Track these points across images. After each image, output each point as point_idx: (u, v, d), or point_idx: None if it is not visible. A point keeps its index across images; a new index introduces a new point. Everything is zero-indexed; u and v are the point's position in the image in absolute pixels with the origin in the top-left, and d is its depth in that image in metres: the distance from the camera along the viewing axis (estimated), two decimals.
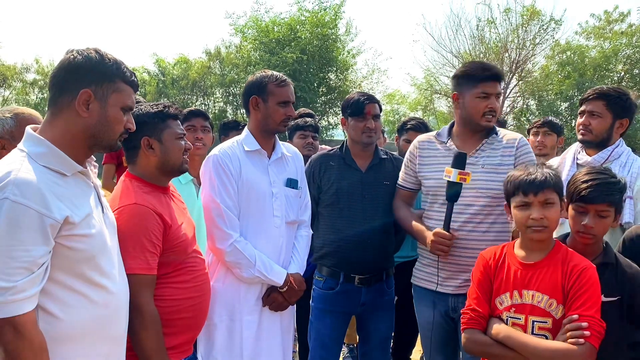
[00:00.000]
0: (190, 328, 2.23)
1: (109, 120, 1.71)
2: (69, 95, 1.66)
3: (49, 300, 1.59)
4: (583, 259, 2.02)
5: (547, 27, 21.51)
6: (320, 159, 3.10)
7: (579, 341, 1.84)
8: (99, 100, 1.68)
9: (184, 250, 2.18)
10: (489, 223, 2.59)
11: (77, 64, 1.66)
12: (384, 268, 3.01)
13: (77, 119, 1.66)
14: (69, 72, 1.67)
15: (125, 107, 1.75)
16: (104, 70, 1.68)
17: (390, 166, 3.06)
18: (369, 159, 3.03)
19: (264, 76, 2.66)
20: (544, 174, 2.03)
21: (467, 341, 2.08)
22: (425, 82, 24.68)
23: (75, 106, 1.65)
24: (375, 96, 3.08)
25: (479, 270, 2.16)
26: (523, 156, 2.60)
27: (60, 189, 1.59)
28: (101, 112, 1.69)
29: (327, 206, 3.01)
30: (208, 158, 2.61)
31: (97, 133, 1.70)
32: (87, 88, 1.65)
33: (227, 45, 24.28)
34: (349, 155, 3.04)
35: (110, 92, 1.70)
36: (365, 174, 2.99)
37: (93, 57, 1.67)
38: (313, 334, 3.05)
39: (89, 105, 1.66)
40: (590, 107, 2.80)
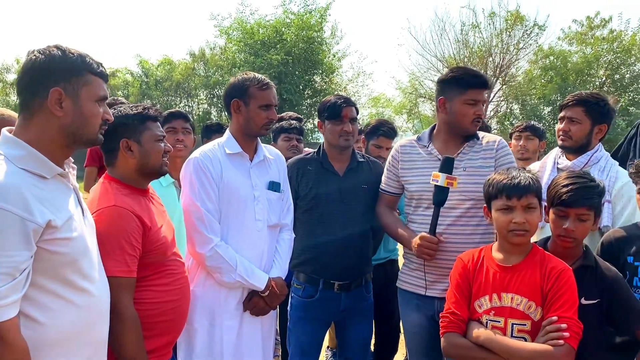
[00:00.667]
0: (170, 331, 2.21)
1: (85, 115, 1.67)
2: (39, 97, 1.62)
3: (31, 305, 1.56)
4: (559, 261, 2.04)
5: (530, 32, 21.78)
6: (298, 164, 3.05)
7: (559, 342, 1.86)
8: (71, 97, 1.64)
9: (163, 253, 2.16)
10: (473, 225, 2.60)
11: (41, 64, 1.61)
12: (364, 273, 2.99)
13: (52, 119, 1.63)
14: (34, 73, 1.62)
15: (99, 99, 1.72)
16: (70, 66, 1.64)
17: (367, 169, 3.04)
18: (347, 162, 3.01)
19: (245, 79, 2.61)
20: (527, 178, 2.04)
21: (447, 345, 2.09)
22: (410, 85, 24.84)
23: (48, 107, 1.61)
24: (351, 99, 3.05)
25: (457, 273, 2.17)
26: (502, 158, 2.61)
27: (41, 192, 1.56)
28: (75, 109, 1.65)
29: (305, 212, 2.96)
30: (189, 161, 2.56)
31: (75, 130, 1.67)
32: (57, 86, 1.61)
33: (211, 47, 24.22)
34: (326, 159, 3.00)
35: (81, 86, 1.65)
36: (343, 178, 2.96)
37: (56, 54, 1.63)
38: (292, 341, 3.00)
39: (62, 104, 1.62)
40: (570, 113, 2.83)
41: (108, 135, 2.06)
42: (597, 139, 2.84)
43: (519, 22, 21.48)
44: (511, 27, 21.67)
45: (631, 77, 21.07)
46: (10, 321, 1.47)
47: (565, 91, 19.84)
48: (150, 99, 22.39)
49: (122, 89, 23.76)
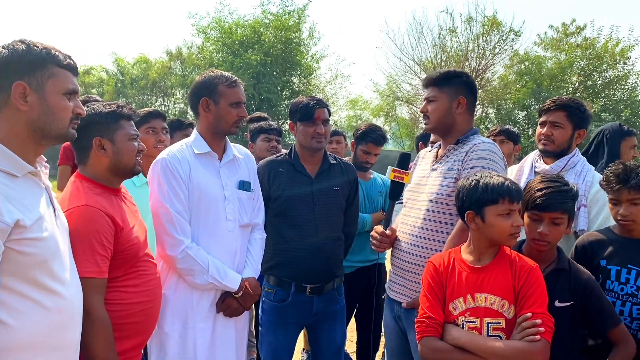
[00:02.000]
0: (140, 333, 2.17)
1: (51, 109, 1.63)
2: (3, 92, 1.58)
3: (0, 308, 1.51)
4: (527, 259, 2.07)
5: (506, 38, 22.13)
6: (269, 165, 3.00)
7: (535, 338, 1.89)
8: (36, 91, 1.60)
9: (135, 254, 2.11)
10: (432, 230, 2.51)
11: (5, 58, 1.58)
12: (335, 276, 2.95)
13: (18, 114, 1.59)
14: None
15: (68, 92, 1.67)
16: (33, 58, 1.59)
17: (339, 172, 3.02)
18: (318, 164, 2.97)
19: (213, 77, 2.56)
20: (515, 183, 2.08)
21: (426, 349, 2.07)
22: (388, 88, 25.00)
23: (13, 101, 1.57)
24: (323, 100, 3.01)
25: (429, 276, 2.16)
26: (467, 162, 2.43)
27: (10, 191, 1.52)
28: (41, 102, 1.61)
29: (277, 215, 2.90)
30: (156, 162, 2.49)
31: (42, 125, 1.62)
32: (20, 80, 1.57)
33: (188, 46, 24.02)
34: (298, 161, 2.96)
35: (46, 80, 1.61)
36: (315, 181, 2.93)
37: (19, 48, 1.59)
38: (265, 346, 2.94)
39: (27, 98, 1.58)
40: (552, 117, 2.84)
41: (80, 132, 2.01)
42: (575, 144, 2.88)
43: (495, 27, 21.82)
44: (487, 32, 22.00)
45: (603, 83, 21.57)
46: None
47: (539, 96, 20.22)
48: (125, 98, 22.08)
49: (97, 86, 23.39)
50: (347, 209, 3.05)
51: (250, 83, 19.90)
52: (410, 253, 2.56)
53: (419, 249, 2.52)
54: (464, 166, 2.43)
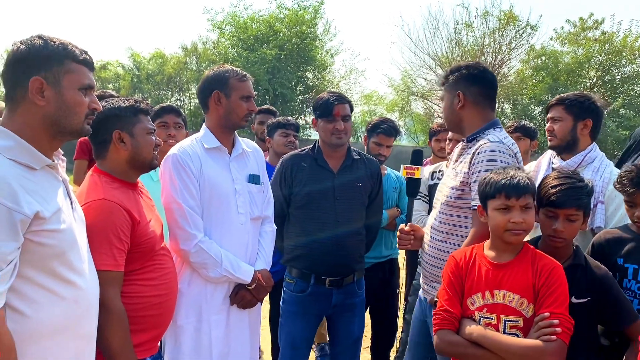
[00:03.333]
0: (156, 326, 2.20)
1: (67, 104, 1.64)
2: (21, 87, 1.60)
3: (17, 297, 1.54)
4: (550, 259, 2.05)
5: (523, 32, 21.87)
6: (292, 159, 3.05)
7: (551, 338, 1.87)
8: (53, 86, 1.61)
9: (151, 248, 2.15)
10: (445, 232, 2.49)
11: (22, 54, 1.60)
12: (355, 270, 2.99)
13: (35, 109, 1.61)
14: (16, 64, 1.61)
15: (83, 87, 1.68)
16: (50, 54, 1.61)
17: (362, 167, 3.03)
18: (341, 159, 3.00)
19: (224, 71, 2.59)
20: (524, 178, 2.04)
21: (440, 342, 2.09)
22: (403, 83, 24.86)
23: (30, 96, 1.59)
24: (345, 96, 3.03)
25: (449, 271, 2.17)
26: (476, 165, 2.34)
27: (29, 183, 1.54)
28: (58, 97, 1.63)
29: (298, 208, 2.97)
30: (167, 157, 2.52)
31: (58, 120, 1.64)
32: (37, 75, 1.59)
33: (204, 41, 24.09)
34: (320, 156, 3.00)
35: (62, 75, 1.63)
36: (337, 175, 2.96)
37: (37, 44, 1.61)
38: (283, 336, 3.02)
39: (44, 93, 1.60)
40: (553, 112, 2.91)
41: (100, 126, 2.06)
42: (584, 135, 2.85)
43: (511, 21, 21.57)
44: (504, 26, 21.75)
45: (622, 79, 21.22)
46: (1, 312, 1.45)
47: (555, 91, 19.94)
48: (141, 93, 22.23)
49: (114, 82, 23.56)
50: (370, 204, 3.06)
51: (264, 78, 19.92)
52: (429, 253, 2.57)
53: (435, 250, 2.53)
54: (472, 169, 2.35)
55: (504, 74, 22.60)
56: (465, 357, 2.07)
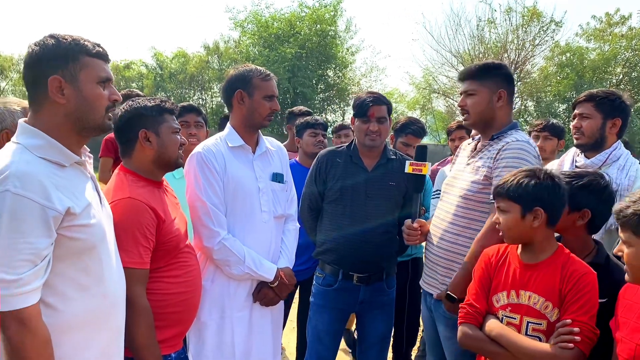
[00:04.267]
0: (180, 322, 2.23)
1: (88, 99, 1.66)
2: (41, 88, 1.62)
3: (49, 292, 1.57)
4: (583, 265, 1.98)
5: (547, 29, 21.56)
6: (327, 155, 3.08)
7: (568, 345, 1.82)
8: (71, 83, 1.63)
9: (176, 245, 2.17)
10: (460, 226, 2.49)
11: (37, 55, 1.61)
12: (384, 268, 2.98)
13: (58, 107, 1.63)
14: (32, 66, 1.63)
15: (101, 80, 1.69)
16: (64, 52, 1.62)
17: (397, 167, 3.00)
18: (376, 158, 3.00)
19: (248, 70, 2.60)
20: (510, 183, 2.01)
21: (462, 335, 2.09)
22: (424, 81, 24.72)
23: (50, 96, 1.62)
24: (384, 97, 3.00)
25: (480, 266, 2.16)
26: (499, 160, 2.38)
27: (60, 180, 1.57)
28: (77, 94, 1.64)
29: (330, 202, 2.99)
30: (192, 156, 2.54)
31: (81, 115, 1.66)
32: (55, 74, 1.61)
33: (225, 40, 24.28)
34: (356, 153, 3.00)
35: (79, 71, 1.63)
36: (371, 174, 2.96)
37: (49, 43, 1.62)
38: (310, 329, 3.04)
39: (63, 91, 1.62)
40: (581, 109, 2.82)
41: (126, 125, 2.09)
42: (612, 134, 2.79)
43: (535, 18, 21.27)
44: (527, 23, 21.47)
45: None
46: (32, 307, 1.48)
47: (581, 88, 19.63)
48: (164, 91, 22.49)
49: (137, 80, 23.90)
50: (406, 204, 3.02)
51: (285, 77, 19.97)
52: (440, 247, 2.56)
53: (448, 243, 2.52)
54: (496, 165, 2.38)
55: (527, 71, 22.33)
56: (484, 352, 2.07)
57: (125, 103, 2.25)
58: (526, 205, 1.97)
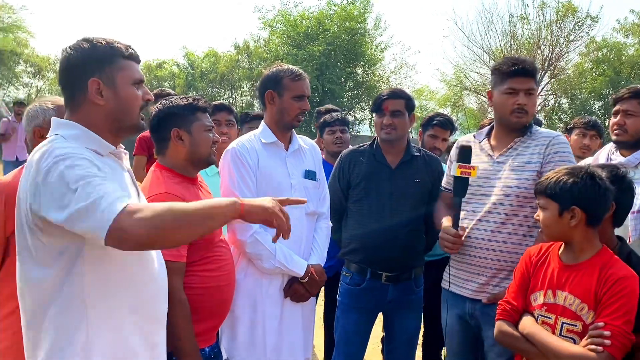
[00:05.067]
0: (214, 316, 2.27)
1: (125, 100, 1.71)
2: (79, 90, 1.67)
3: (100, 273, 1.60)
4: (625, 268, 1.93)
5: (582, 24, 21.03)
6: (350, 154, 3.08)
7: (597, 349, 1.79)
8: (109, 85, 1.68)
9: (211, 240, 2.22)
10: (514, 225, 2.46)
11: (74, 59, 1.67)
12: (412, 266, 2.96)
13: (96, 109, 1.68)
14: (70, 70, 1.69)
15: (135, 81, 1.75)
16: (100, 55, 1.68)
17: (422, 163, 2.99)
18: (400, 155, 2.98)
19: (279, 70, 2.65)
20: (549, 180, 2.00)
21: (498, 331, 2.11)
22: (455, 78, 24.42)
23: (90, 98, 1.67)
24: (401, 92, 2.99)
25: (522, 265, 2.15)
26: (553, 155, 2.42)
27: (103, 166, 1.61)
28: (115, 95, 1.69)
29: (355, 202, 2.98)
30: (226, 152, 2.61)
31: (119, 116, 1.71)
32: (93, 77, 1.66)
33: (255, 39, 24.40)
34: (379, 151, 3.00)
35: (116, 73, 1.69)
36: (395, 171, 2.95)
37: (85, 47, 1.67)
38: (338, 329, 3.04)
39: (102, 93, 1.67)
40: (625, 106, 2.73)
41: (159, 124, 2.15)
42: None
43: (570, 13, 20.77)
44: (562, 18, 20.98)
45: None
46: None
47: (618, 85, 19.08)
48: (195, 91, 22.75)
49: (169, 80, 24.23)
50: (431, 201, 2.99)
51: (313, 75, 20.00)
52: (489, 249, 2.49)
53: (499, 244, 2.47)
54: (548, 159, 2.41)
55: (561, 67, 21.83)
56: (517, 349, 2.07)
57: (159, 102, 2.30)
58: (563, 204, 1.95)
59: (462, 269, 2.62)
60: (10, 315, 2.14)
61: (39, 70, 24.64)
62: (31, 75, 24.90)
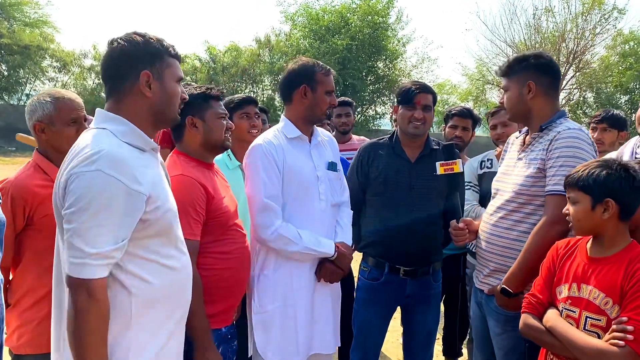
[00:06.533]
0: (229, 297, 2.33)
1: (169, 94, 1.81)
2: (128, 81, 1.74)
3: (141, 267, 1.69)
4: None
5: (609, 16, 20.62)
6: (369, 147, 3.07)
7: (619, 343, 1.75)
8: (157, 79, 1.77)
9: (225, 222, 2.29)
10: (514, 220, 2.44)
11: (127, 50, 1.74)
12: (431, 261, 2.95)
13: (143, 100, 1.76)
14: (122, 60, 1.75)
15: (179, 79, 1.85)
16: (153, 50, 1.77)
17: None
18: (419, 149, 2.97)
19: (311, 65, 2.67)
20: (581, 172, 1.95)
21: (522, 324, 2.09)
22: (477, 72, 24.19)
23: (140, 89, 1.75)
24: (430, 87, 2.99)
25: (549, 258, 2.13)
26: (552, 150, 2.31)
27: (142, 164, 1.70)
28: (162, 89, 1.78)
29: (374, 195, 2.97)
30: (252, 148, 2.61)
31: (162, 109, 1.80)
32: (145, 69, 1.74)
33: (276, 34, 24.45)
34: (398, 144, 2.99)
35: (164, 69, 1.79)
36: (414, 165, 2.94)
37: (139, 41, 1.76)
38: (357, 323, 3.04)
39: (151, 85, 1.76)
40: None
41: None
42: None
43: (597, 5, 20.39)
44: (588, 10, 20.61)
45: None
46: (102, 280, 1.58)
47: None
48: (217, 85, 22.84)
49: (191, 74, 24.42)
50: (450, 195, 2.98)
51: (335, 69, 19.94)
52: (492, 243, 2.50)
53: (500, 239, 2.46)
54: (549, 155, 2.31)
55: (586, 61, 21.46)
56: (541, 342, 2.06)
57: None
58: (596, 196, 1.90)
59: (477, 259, 2.67)
60: (30, 309, 2.22)
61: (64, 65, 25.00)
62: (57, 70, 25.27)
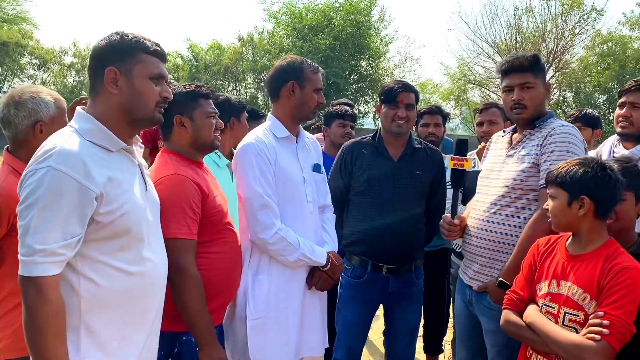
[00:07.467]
0: (221, 296, 2.31)
1: (138, 92, 1.75)
2: (100, 78, 1.73)
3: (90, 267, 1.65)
4: (632, 259, 1.92)
5: (587, 17, 20.94)
6: (352, 147, 3.08)
7: (595, 337, 1.80)
8: (125, 76, 1.73)
9: (219, 220, 2.26)
10: (505, 215, 2.47)
11: (101, 48, 1.75)
12: (413, 259, 2.97)
13: (111, 97, 1.74)
14: (95, 57, 1.76)
15: (154, 76, 1.79)
16: (124, 47, 1.74)
17: (423, 156, 3.01)
18: (402, 148, 2.99)
19: (299, 62, 2.62)
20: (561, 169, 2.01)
21: (503, 320, 2.14)
22: (459, 71, 24.36)
23: (105, 86, 1.73)
24: (413, 86, 3.01)
25: (530, 256, 2.17)
26: (547, 146, 2.38)
27: (102, 162, 1.66)
28: (129, 86, 1.74)
29: (357, 194, 2.98)
30: (245, 147, 2.52)
31: (131, 107, 1.76)
32: (111, 66, 1.71)
33: (259, 32, 24.40)
34: (381, 143, 3.00)
35: (134, 65, 1.74)
36: (397, 164, 2.96)
37: (114, 39, 1.75)
38: (340, 320, 3.05)
39: (117, 83, 1.73)
40: (632, 98, 2.73)
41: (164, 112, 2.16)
42: None
43: (576, 6, 20.68)
44: (567, 11, 20.90)
45: None
46: (52, 278, 1.55)
47: (623, 79, 19.02)
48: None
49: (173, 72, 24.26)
50: (432, 194, 3.03)
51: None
52: (483, 238, 2.53)
53: (492, 234, 2.49)
54: (543, 150, 2.38)
55: (566, 61, 21.77)
56: (521, 338, 2.09)
57: None
58: (572, 193, 1.96)
59: (466, 257, 2.68)
60: (10, 313, 2.16)
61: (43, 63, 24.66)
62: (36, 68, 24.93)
